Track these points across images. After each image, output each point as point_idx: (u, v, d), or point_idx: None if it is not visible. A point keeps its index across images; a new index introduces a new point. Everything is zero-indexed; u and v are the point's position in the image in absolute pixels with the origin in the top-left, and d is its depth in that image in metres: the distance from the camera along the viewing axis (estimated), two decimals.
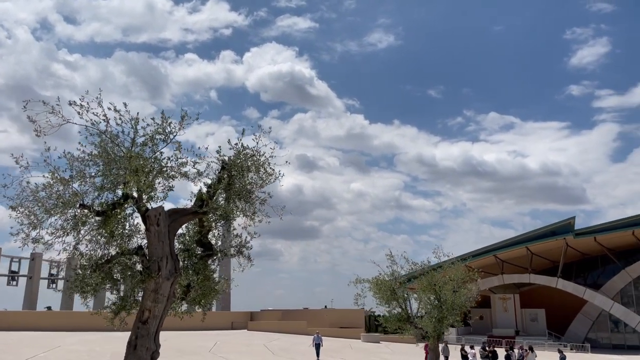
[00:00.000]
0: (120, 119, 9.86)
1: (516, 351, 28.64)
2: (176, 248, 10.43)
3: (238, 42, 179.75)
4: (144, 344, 9.57)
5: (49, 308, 57.56)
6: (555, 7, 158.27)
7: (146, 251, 10.00)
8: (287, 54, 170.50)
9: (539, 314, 58.16)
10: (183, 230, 11.18)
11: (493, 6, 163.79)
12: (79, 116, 9.76)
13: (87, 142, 9.92)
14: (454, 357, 29.67)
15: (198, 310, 11.67)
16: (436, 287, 20.53)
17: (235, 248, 10.98)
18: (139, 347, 9.55)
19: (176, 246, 10.51)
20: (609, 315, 53.52)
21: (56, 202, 9.64)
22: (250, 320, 57.55)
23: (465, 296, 20.83)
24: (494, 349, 29.57)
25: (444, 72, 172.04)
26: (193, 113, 11.50)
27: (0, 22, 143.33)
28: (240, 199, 10.41)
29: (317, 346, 32.79)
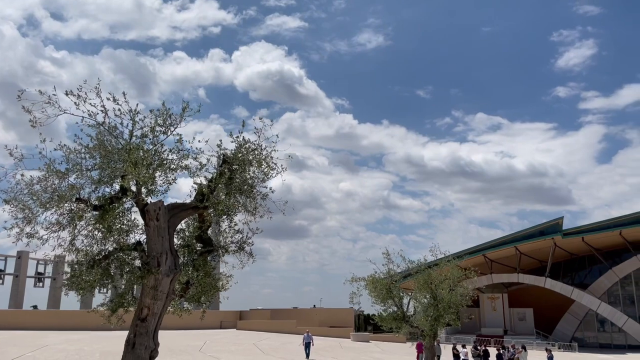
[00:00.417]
0: (119, 110, 9.55)
1: (509, 350, 28.66)
2: (175, 244, 10.12)
3: (227, 41, 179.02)
4: (143, 342, 9.24)
5: (35, 307, 56.65)
6: (542, 9, 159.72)
7: (145, 247, 9.66)
8: (277, 53, 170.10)
9: (527, 314, 58.55)
10: (182, 225, 10.88)
11: (482, 7, 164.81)
12: (76, 107, 9.43)
13: (84, 134, 9.61)
14: (445, 356, 29.63)
15: (203, 306, 11.28)
16: (432, 286, 20.39)
17: (236, 244, 10.70)
18: (138, 346, 9.22)
19: (175, 242, 10.19)
20: (596, 314, 53.98)
21: (52, 196, 9.30)
22: (239, 319, 57.17)
23: (461, 295, 20.72)
24: (486, 348, 29.58)
25: (433, 73, 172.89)
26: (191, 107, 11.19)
27: None
28: (241, 194, 10.14)
29: (307, 345, 32.59)
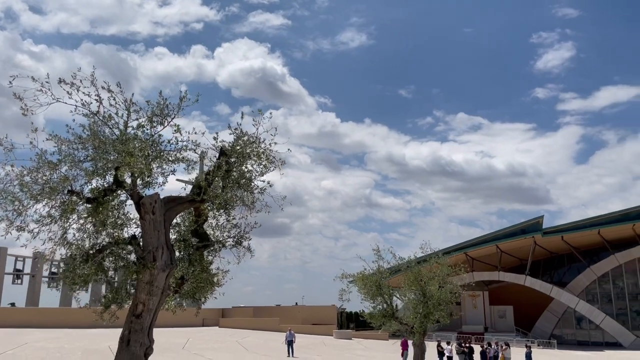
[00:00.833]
0: (114, 99, 9.23)
1: (493, 347, 28.91)
2: (171, 239, 9.83)
3: (209, 37, 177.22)
4: (138, 339, 8.94)
5: (13, 304, 55.33)
6: (523, 11, 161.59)
7: (140, 241, 9.36)
8: (259, 50, 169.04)
9: (507, 311, 59.29)
10: (178, 220, 10.60)
11: (463, 9, 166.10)
12: (69, 96, 9.08)
13: (76, 125, 9.27)
14: (429, 354, 29.71)
15: (201, 302, 10.97)
16: (422, 283, 20.38)
17: (233, 239, 10.47)
18: (132, 343, 8.92)
19: (171, 236, 9.90)
20: (574, 312, 54.93)
21: (43, 188, 8.94)
22: (221, 317, 56.71)
23: (450, 292, 20.76)
24: (470, 345, 29.80)
25: (415, 73, 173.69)
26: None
27: None
28: (239, 188, 9.91)
29: (290, 343, 32.49)
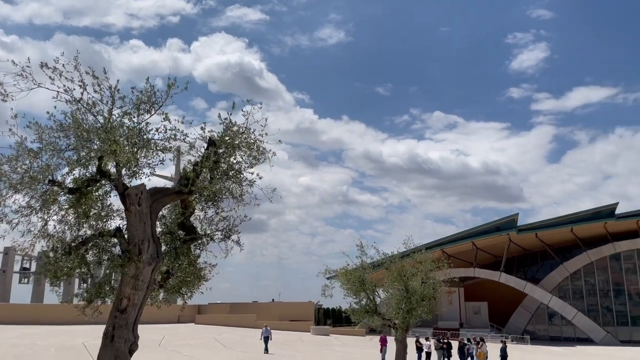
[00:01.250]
0: (98, 86, 8.85)
1: (472, 344, 29.14)
2: (157, 231, 9.50)
3: (186, 31, 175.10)
4: (122, 335, 8.61)
5: None
6: (498, 12, 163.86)
7: (126, 233, 9.02)
8: (237, 45, 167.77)
9: (482, 307, 60.04)
10: (164, 212, 10.26)
11: (441, 7, 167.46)
12: (51, 81, 8.68)
13: (57, 112, 8.86)
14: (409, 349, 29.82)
15: (187, 297, 10.67)
16: (405, 278, 20.36)
17: (222, 232, 10.17)
18: (117, 339, 8.58)
19: (157, 229, 9.58)
20: (547, 308, 55.92)
21: (22, 177, 8.53)
22: (197, 313, 56.05)
23: (433, 287, 20.79)
24: (449, 341, 30.00)
25: (392, 71, 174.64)
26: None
27: None
28: (228, 179, 9.63)
29: (266, 339, 32.28)
